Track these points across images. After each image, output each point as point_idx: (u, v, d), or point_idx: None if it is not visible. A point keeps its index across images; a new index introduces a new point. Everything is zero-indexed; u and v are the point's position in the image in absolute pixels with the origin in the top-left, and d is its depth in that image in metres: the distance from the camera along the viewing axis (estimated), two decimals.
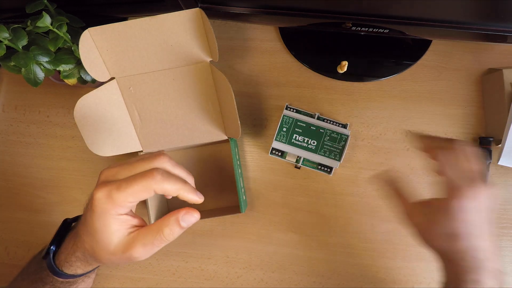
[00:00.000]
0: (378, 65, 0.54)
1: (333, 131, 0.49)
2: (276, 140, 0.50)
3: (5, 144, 0.56)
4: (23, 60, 0.40)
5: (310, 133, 0.49)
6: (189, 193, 0.32)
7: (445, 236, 0.33)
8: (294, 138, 0.49)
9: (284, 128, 0.50)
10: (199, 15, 0.43)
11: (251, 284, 0.50)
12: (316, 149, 0.49)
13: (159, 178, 0.29)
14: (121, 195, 0.29)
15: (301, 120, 0.50)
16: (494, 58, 0.54)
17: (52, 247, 0.37)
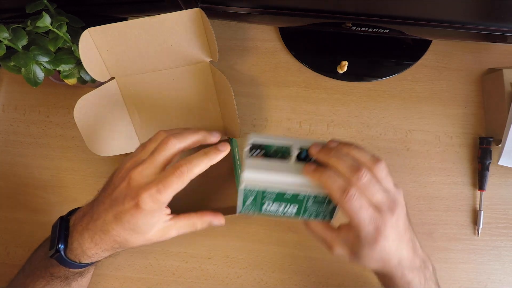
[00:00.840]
0: (378, 65, 0.54)
1: (317, 195, 0.35)
2: (240, 213, 0.38)
3: (5, 144, 0.56)
4: (23, 60, 0.40)
5: (286, 200, 0.36)
6: (214, 158, 0.35)
7: (373, 261, 0.34)
8: (267, 205, 0.37)
9: (249, 200, 0.36)
10: (199, 15, 0.43)
11: (251, 284, 0.50)
12: (297, 214, 0.38)
13: (186, 170, 0.33)
14: (164, 195, 0.33)
15: (270, 190, 0.35)
16: (494, 58, 0.54)
17: (61, 245, 0.38)
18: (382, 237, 0.32)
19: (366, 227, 0.32)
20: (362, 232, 0.32)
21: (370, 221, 0.32)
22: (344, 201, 0.31)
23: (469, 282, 0.49)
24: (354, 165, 0.32)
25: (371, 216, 0.32)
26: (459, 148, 0.52)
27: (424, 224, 0.51)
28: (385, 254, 0.33)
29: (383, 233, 0.32)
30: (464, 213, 0.51)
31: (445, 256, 0.50)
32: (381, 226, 0.32)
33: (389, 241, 0.33)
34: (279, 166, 0.35)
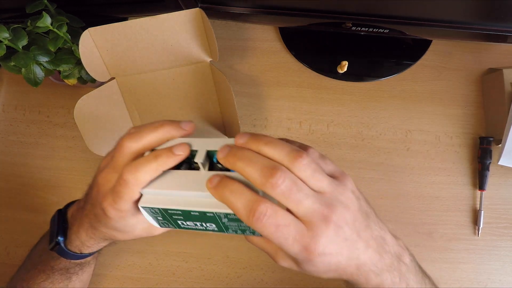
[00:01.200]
0: (378, 65, 0.54)
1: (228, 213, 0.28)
2: (162, 227, 0.33)
3: (5, 144, 0.56)
4: (23, 60, 0.40)
5: (197, 218, 0.30)
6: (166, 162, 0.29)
7: (323, 274, 0.29)
8: (181, 223, 0.31)
9: (159, 217, 0.31)
10: (199, 15, 0.43)
11: (251, 284, 0.50)
12: (220, 230, 0.31)
13: (130, 178, 0.28)
14: (120, 205, 0.30)
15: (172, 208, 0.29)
16: (494, 58, 0.54)
17: (60, 237, 0.38)
18: (316, 255, 0.25)
19: (292, 248, 0.25)
20: (290, 253, 0.26)
21: (294, 240, 0.25)
22: (253, 224, 0.25)
23: (469, 282, 0.49)
24: (267, 167, 0.25)
25: (293, 234, 0.25)
26: (459, 148, 0.52)
27: (424, 224, 0.51)
28: (333, 267, 0.27)
29: (316, 250, 0.25)
30: (464, 213, 0.51)
31: (445, 256, 0.50)
32: (310, 244, 0.25)
33: (331, 254, 0.26)
34: (185, 178, 0.29)
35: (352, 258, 0.27)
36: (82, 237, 0.37)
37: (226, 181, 0.26)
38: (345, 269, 0.28)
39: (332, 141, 0.53)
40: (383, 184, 0.52)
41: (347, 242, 0.27)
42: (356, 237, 0.27)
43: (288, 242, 0.25)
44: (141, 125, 0.31)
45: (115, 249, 0.52)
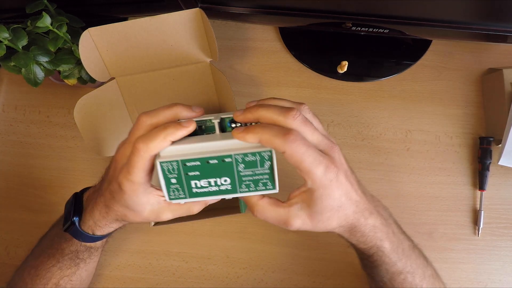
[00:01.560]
0: (378, 65, 0.54)
1: (246, 153, 0.30)
2: (171, 199, 0.33)
3: (5, 144, 0.56)
4: (23, 60, 0.40)
5: (213, 170, 0.31)
6: (175, 132, 0.31)
7: (335, 215, 0.32)
8: (195, 186, 0.32)
9: (173, 179, 0.32)
10: (199, 15, 0.43)
11: (251, 284, 0.50)
12: (233, 189, 0.32)
13: (141, 145, 0.30)
14: (134, 176, 0.32)
15: (191, 158, 0.31)
16: (494, 58, 0.54)
17: (75, 218, 0.40)
18: (336, 177, 0.30)
19: (317, 170, 0.29)
20: (314, 176, 0.29)
21: (319, 162, 0.29)
22: (288, 145, 0.28)
23: (469, 282, 0.49)
24: (283, 108, 0.30)
25: (317, 156, 0.29)
26: (459, 148, 0.52)
27: (424, 224, 0.51)
28: (344, 199, 0.31)
29: (334, 173, 0.30)
30: (464, 213, 0.51)
31: (445, 256, 0.50)
32: (330, 166, 0.30)
33: (342, 182, 0.31)
34: (201, 137, 0.32)
35: (352, 193, 0.32)
36: (95, 217, 0.39)
37: (252, 125, 0.30)
38: (349, 206, 0.32)
39: None
40: (383, 184, 0.52)
41: (347, 176, 0.32)
42: (350, 174, 0.33)
43: (315, 163, 0.29)
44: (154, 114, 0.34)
45: (115, 249, 0.52)
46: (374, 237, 0.34)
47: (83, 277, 0.44)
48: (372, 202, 0.35)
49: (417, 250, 0.39)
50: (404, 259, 0.36)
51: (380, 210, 0.36)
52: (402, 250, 0.36)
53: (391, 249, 0.35)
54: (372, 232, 0.34)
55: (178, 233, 0.52)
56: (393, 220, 0.38)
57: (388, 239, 0.35)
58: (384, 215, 0.36)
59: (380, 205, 0.37)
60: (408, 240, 0.38)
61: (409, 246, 0.38)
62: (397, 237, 0.36)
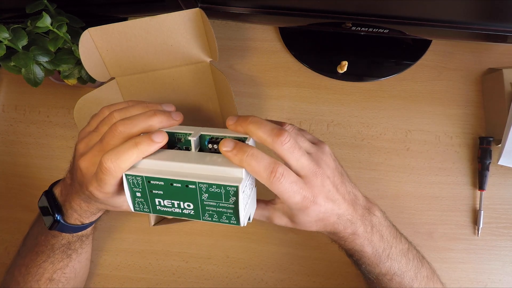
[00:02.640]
0: (378, 65, 0.54)
1: (211, 183, 0.29)
2: (136, 210, 0.32)
3: (5, 144, 0.56)
4: (23, 60, 0.40)
5: (177, 193, 0.30)
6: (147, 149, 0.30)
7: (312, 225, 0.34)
8: (158, 204, 0.31)
9: (138, 193, 0.31)
10: (199, 15, 0.43)
11: (251, 284, 0.50)
12: (197, 215, 0.31)
13: (111, 165, 0.29)
14: (106, 188, 0.32)
15: (155, 177, 0.30)
16: (494, 58, 0.54)
17: (57, 215, 0.40)
18: (311, 203, 0.32)
19: (294, 199, 0.31)
20: (291, 204, 0.32)
21: (298, 193, 0.31)
22: (273, 182, 0.29)
23: (469, 282, 0.49)
24: (275, 129, 0.30)
25: (298, 188, 0.31)
26: (459, 148, 0.52)
27: (424, 224, 0.51)
28: (321, 215, 0.33)
29: (313, 200, 0.32)
30: (464, 213, 0.51)
31: (445, 256, 0.50)
32: (307, 195, 0.31)
33: (321, 205, 0.32)
34: (174, 154, 0.31)
35: (334, 208, 0.33)
36: (78, 210, 0.39)
37: (243, 146, 0.30)
38: (329, 218, 0.34)
39: (332, 141, 0.53)
40: (383, 184, 0.52)
41: (330, 194, 0.33)
42: (335, 191, 0.33)
43: (295, 195, 0.30)
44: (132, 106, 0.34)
45: (115, 249, 0.52)
46: (354, 243, 0.36)
47: (76, 269, 0.44)
48: (362, 209, 0.36)
49: (412, 254, 0.39)
50: (389, 262, 0.37)
51: (367, 217, 0.36)
52: (388, 254, 0.37)
53: (373, 254, 0.36)
54: (351, 238, 0.36)
55: (178, 233, 0.52)
56: (386, 224, 0.38)
57: (371, 245, 0.36)
58: (374, 221, 0.36)
59: (373, 212, 0.37)
60: (401, 243, 0.39)
61: (401, 250, 0.38)
62: (384, 242, 0.37)
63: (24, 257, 0.43)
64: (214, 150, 0.32)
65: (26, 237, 0.45)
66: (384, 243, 0.37)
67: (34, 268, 0.41)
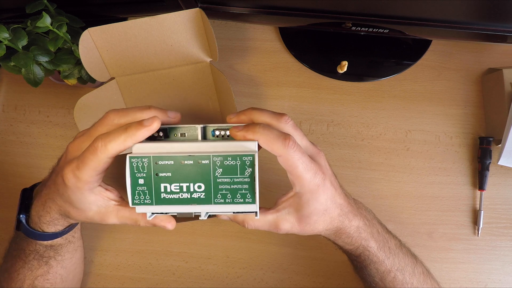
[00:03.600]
0: (378, 65, 0.54)
1: (226, 154, 0.28)
2: (135, 204, 0.30)
3: (5, 144, 0.56)
4: (23, 60, 0.40)
5: (187, 173, 0.28)
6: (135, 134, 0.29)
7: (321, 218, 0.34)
8: (164, 190, 0.29)
9: (140, 179, 0.28)
10: (199, 15, 0.43)
11: (251, 284, 0.50)
12: (208, 198, 0.28)
13: (100, 145, 0.29)
14: (84, 173, 0.30)
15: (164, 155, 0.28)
16: (494, 58, 0.54)
17: (22, 215, 0.39)
18: (323, 182, 0.31)
19: (307, 175, 0.30)
20: (304, 181, 0.31)
21: (310, 168, 0.31)
22: (286, 150, 0.29)
23: (469, 282, 0.49)
24: (276, 113, 0.32)
25: (308, 163, 0.31)
26: (459, 148, 0.52)
27: (424, 224, 0.51)
28: (329, 203, 0.33)
29: (322, 178, 0.31)
30: (464, 213, 0.51)
31: (445, 256, 0.50)
32: (318, 172, 0.31)
33: (328, 187, 0.32)
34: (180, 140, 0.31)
35: (336, 197, 0.34)
36: (39, 211, 0.37)
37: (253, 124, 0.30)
38: (334, 210, 0.34)
39: (332, 141, 0.53)
40: (383, 184, 0.52)
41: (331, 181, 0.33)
42: (334, 179, 0.34)
43: (308, 169, 0.30)
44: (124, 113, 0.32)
45: (115, 249, 0.52)
46: (359, 237, 0.36)
47: (63, 274, 0.42)
48: (355, 204, 0.37)
49: (405, 249, 0.39)
50: (391, 257, 0.37)
51: (363, 212, 0.37)
52: (389, 248, 0.37)
53: (378, 248, 0.36)
54: (356, 233, 0.36)
55: (178, 233, 0.52)
56: (377, 220, 0.39)
57: (373, 238, 0.36)
58: (368, 216, 0.37)
59: (363, 207, 0.38)
60: (394, 239, 0.39)
61: (396, 244, 0.38)
62: (382, 236, 0.37)
63: (6, 260, 0.41)
64: (221, 136, 0.32)
65: (11, 239, 0.43)
66: (382, 237, 0.37)
67: (14, 273, 0.40)
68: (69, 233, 0.41)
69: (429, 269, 0.41)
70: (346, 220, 0.35)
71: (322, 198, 0.32)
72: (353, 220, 0.35)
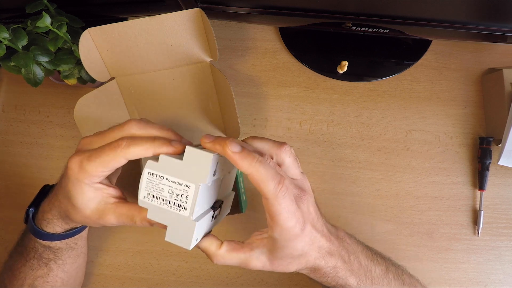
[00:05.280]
0: (378, 65, 0.54)
1: None
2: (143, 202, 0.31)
3: (5, 144, 0.56)
4: (23, 60, 0.40)
5: None
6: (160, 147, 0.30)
7: (295, 261, 0.33)
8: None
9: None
10: (199, 15, 0.43)
11: (251, 284, 0.50)
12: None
13: (123, 144, 0.30)
14: (92, 165, 0.30)
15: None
16: (494, 58, 0.54)
17: (31, 209, 0.39)
18: (302, 231, 0.30)
19: (288, 224, 0.29)
20: (283, 231, 0.30)
21: (292, 217, 0.29)
22: (278, 195, 0.28)
23: (469, 282, 0.49)
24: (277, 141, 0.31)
25: (293, 211, 0.29)
26: (459, 148, 0.52)
27: (424, 224, 0.51)
28: (306, 248, 0.32)
29: (303, 227, 0.31)
30: (464, 213, 0.51)
31: (445, 256, 0.50)
32: (300, 219, 0.30)
33: (307, 233, 0.31)
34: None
35: (316, 240, 0.32)
36: (45, 207, 0.38)
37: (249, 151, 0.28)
38: (311, 253, 0.32)
39: (332, 141, 0.53)
40: (383, 184, 0.52)
41: (313, 223, 0.32)
42: (316, 221, 0.33)
43: (292, 216, 0.29)
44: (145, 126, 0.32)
45: (115, 249, 0.52)
46: (336, 276, 0.34)
47: (63, 278, 0.42)
48: (336, 239, 0.35)
49: (391, 273, 0.38)
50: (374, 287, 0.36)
51: (344, 245, 0.35)
52: (371, 280, 0.36)
53: (358, 282, 0.35)
54: (333, 272, 0.34)
55: None
56: (361, 248, 0.37)
57: (353, 275, 0.35)
58: (349, 249, 0.35)
59: (346, 237, 0.36)
60: (379, 264, 0.37)
61: (381, 271, 0.37)
62: (364, 269, 0.36)
63: (11, 257, 0.42)
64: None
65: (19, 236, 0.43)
66: (363, 269, 0.36)
67: (16, 271, 0.40)
68: (70, 239, 0.41)
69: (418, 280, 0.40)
70: (323, 261, 0.33)
71: (298, 245, 0.31)
72: (329, 261, 0.34)
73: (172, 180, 0.30)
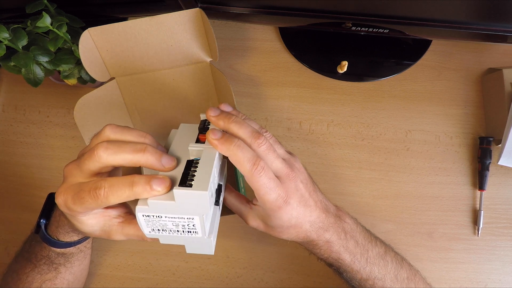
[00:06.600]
0: (378, 65, 0.54)
1: None
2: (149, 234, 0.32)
3: (5, 144, 0.56)
4: (23, 60, 0.40)
5: None
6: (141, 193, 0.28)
7: (285, 231, 0.35)
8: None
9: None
10: (199, 15, 0.43)
11: (251, 284, 0.50)
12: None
13: (102, 195, 0.28)
14: (77, 207, 0.29)
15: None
16: (494, 58, 0.54)
17: (42, 220, 0.39)
18: (285, 204, 0.32)
19: (269, 197, 0.31)
20: (265, 203, 0.32)
21: (273, 190, 0.31)
22: (254, 174, 0.30)
23: (469, 282, 0.49)
24: (254, 131, 0.32)
25: (274, 186, 0.31)
26: (459, 148, 0.52)
27: (424, 224, 0.51)
28: (293, 221, 0.34)
29: (286, 200, 0.32)
30: (464, 213, 0.51)
31: (445, 256, 0.50)
32: (282, 194, 0.32)
33: (294, 207, 0.33)
34: None
35: (306, 214, 0.34)
36: (58, 221, 0.38)
37: (230, 136, 0.31)
38: (302, 226, 0.34)
39: (332, 141, 0.53)
40: (383, 184, 0.52)
41: (303, 199, 0.34)
42: (308, 197, 0.34)
43: (271, 192, 0.31)
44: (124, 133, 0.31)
45: (115, 249, 0.52)
46: (329, 250, 0.36)
47: (69, 279, 0.43)
48: (333, 218, 0.36)
49: (389, 256, 0.39)
50: (369, 267, 0.37)
51: (339, 224, 0.37)
52: (367, 259, 0.37)
53: (352, 260, 0.37)
54: (326, 246, 0.36)
55: None
56: (360, 230, 0.38)
57: (348, 252, 0.36)
58: (346, 228, 0.37)
59: (346, 218, 0.38)
60: (377, 246, 0.39)
61: (378, 253, 0.38)
62: (360, 248, 0.37)
63: (16, 261, 0.42)
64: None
65: (25, 240, 0.44)
66: (360, 248, 0.37)
67: (23, 276, 0.40)
68: (82, 244, 0.42)
69: (417, 271, 0.41)
70: (315, 235, 0.35)
71: (284, 217, 0.33)
72: (322, 235, 0.35)
73: (172, 216, 0.29)
